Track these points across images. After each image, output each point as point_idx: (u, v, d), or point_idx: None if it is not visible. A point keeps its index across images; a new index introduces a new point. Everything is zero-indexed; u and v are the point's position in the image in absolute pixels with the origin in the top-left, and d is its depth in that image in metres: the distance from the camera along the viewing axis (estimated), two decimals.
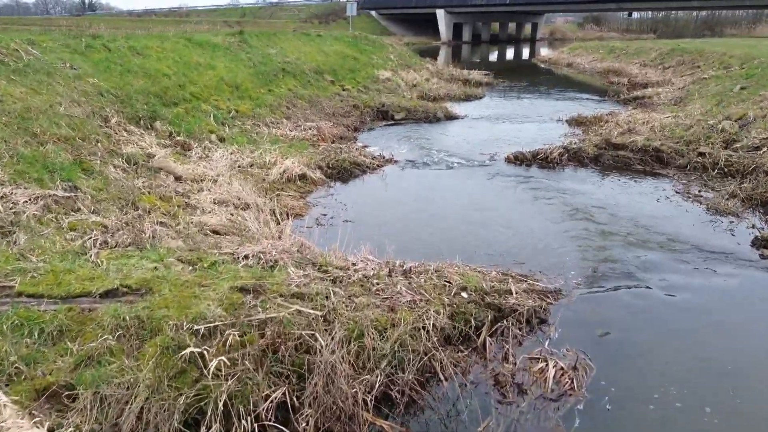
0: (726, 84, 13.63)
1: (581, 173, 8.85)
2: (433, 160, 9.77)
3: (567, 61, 31.93)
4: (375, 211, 7.16)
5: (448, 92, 18.36)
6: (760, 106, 9.80)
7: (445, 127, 13.23)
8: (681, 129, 9.78)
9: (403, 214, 7.03)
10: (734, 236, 6.03)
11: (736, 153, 8.62)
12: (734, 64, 16.88)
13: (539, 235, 6.23)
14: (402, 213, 7.06)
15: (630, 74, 23.63)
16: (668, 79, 19.85)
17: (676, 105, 13.70)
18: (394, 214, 7.01)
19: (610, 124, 11.96)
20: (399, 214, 7.01)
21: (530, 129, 12.85)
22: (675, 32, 76.80)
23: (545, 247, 5.88)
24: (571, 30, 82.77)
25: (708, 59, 20.30)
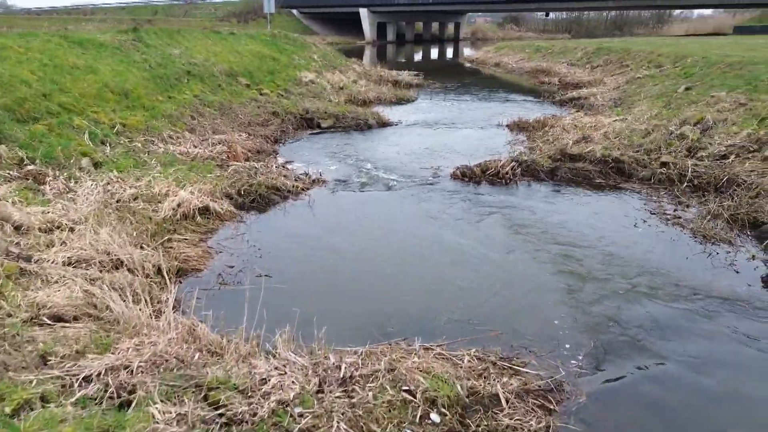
0: (666, 84, 13.11)
1: (538, 190, 7.68)
2: (368, 179, 8.29)
3: (494, 60, 31.52)
4: (299, 256, 5.57)
5: (379, 95, 16.98)
6: (717, 109, 9.08)
7: (379, 135, 11.79)
8: (638, 135, 8.88)
9: (335, 260, 5.48)
10: (739, 273, 4.97)
11: (703, 162, 7.77)
12: (666, 63, 16.63)
13: (510, 283, 4.90)
14: (334, 259, 5.51)
15: (559, 74, 23.28)
16: (599, 78, 19.49)
17: (617, 106, 13.02)
18: (325, 261, 5.45)
19: (555, 129, 10.99)
20: (331, 261, 5.46)
21: (471, 136, 11.67)
22: (587, 32, 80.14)
23: (523, 301, 4.56)
24: (491, 30, 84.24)
25: (635, 58, 20.17)
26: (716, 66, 12.49)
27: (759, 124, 8.14)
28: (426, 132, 12.08)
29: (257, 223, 6.41)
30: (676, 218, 6.36)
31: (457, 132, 12.09)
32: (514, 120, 12.57)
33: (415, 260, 5.38)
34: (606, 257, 5.37)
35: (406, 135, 11.72)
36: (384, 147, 10.56)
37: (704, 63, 13.57)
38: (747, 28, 35.56)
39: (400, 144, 10.82)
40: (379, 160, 9.45)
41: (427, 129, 12.42)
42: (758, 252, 5.38)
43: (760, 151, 7.56)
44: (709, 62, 13.32)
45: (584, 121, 11.24)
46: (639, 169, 7.98)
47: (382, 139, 11.32)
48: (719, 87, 10.33)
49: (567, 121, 11.57)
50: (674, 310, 4.37)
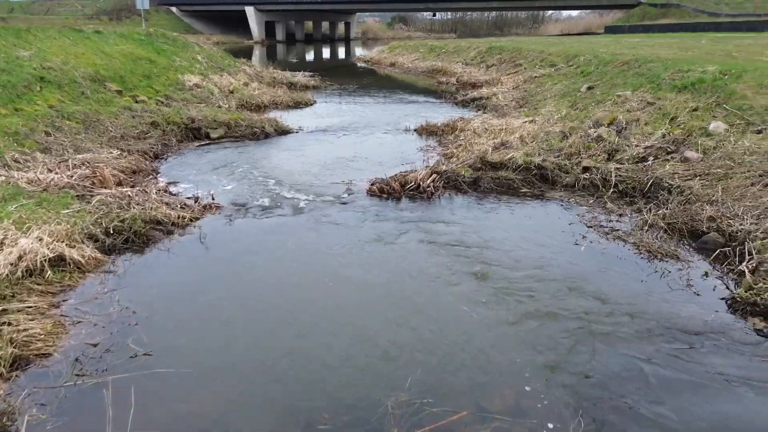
0: (566, 83, 13.15)
1: (464, 205, 6.96)
2: (271, 200, 7.11)
3: (390, 60, 31.14)
4: (189, 319, 4.32)
5: (274, 99, 15.66)
6: (627, 109, 8.97)
7: (279, 145, 10.57)
8: (556, 139, 8.50)
9: (238, 322, 4.30)
10: (700, 296, 4.51)
11: (624, 165, 7.49)
12: (559, 62, 16.93)
13: (459, 335, 4.05)
14: (237, 321, 4.32)
15: (455, 73, 23.26)
16: (496, 78, 19.58)
17: (522, 107, 12.83)
18: (223, 325, 4.26)
19: (466, 133, 10.47)
20: (232, 325, 4.28)
21: (379, 142, 10.83)
22: (471, 32, 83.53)
23: (479, 360, 3.71)
24: (381, 30, 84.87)
25: (527, 57, 20.54)
26: (611, 64, 12.69)
27: (671, 124, 8.05)
28: (331, 139, 11.06)
29: (132, 271, 5.03)
30: (613, 231, 5.89)
31: (365, 138, 11.20)
32: (422, 124, 11.93)
33: (342, 316, 4.34)
34: (556, 287, 4.70)
35: (310, 144, 10.62)
36: (286, 159, 9.38)
37: (598, 62, 13.81)
38: (617, 27, 38.24)
39: (304, 155, 9.70)
40: (283, 175, 8.28)
41: (332, 136, 11.40)
42: (708, 267, 4.99)
43: (677, 152, 7.41)
44: (603, 61, 13.57)
45: (494, 124, 10.83)
46: (562, 176, 7.55)
47: (284, 150, 10.12)
48: (622, 86, 10.35)
49: (476, 124, 11.11)
50: (653, 354, 3.75)
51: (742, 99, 7.79)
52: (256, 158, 9.41)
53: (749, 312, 4.11)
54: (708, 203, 5.88)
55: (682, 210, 5.89)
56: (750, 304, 4.13)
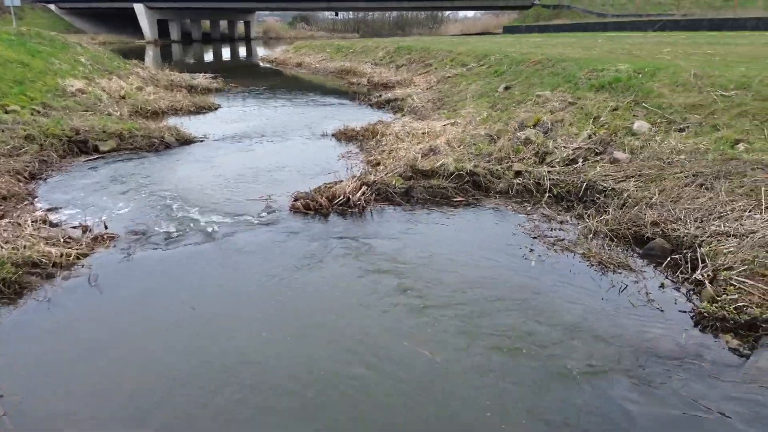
0: (481, 83, 13.04)
1: (397, 219, 6.40)
2: (178, 225, 6.13)
3: (296, 60, 30.11)
4: (78, 399, 3.38)
5: (173, 104, 14.29)
6: (549, 109, 8.86)
7: (182, 157, 9.44)
8: (484, 143, 8.19)
9: (142, 399, 3.43)
10: (664, 313, 4.23)
11: (555, 168, 7.30)
12: (469, 62, 16.94)
13: (426, 390, 3.46)
14: (140, 397, 3.44)
15: (365, 74, 22.80)
16: (408, 78, 19.32)
17: (440, 108, 12.55)
18: (124, 408, 3.37)
19: (389, 138, 9.96)
20: (134, 405, 3.39)
21: (296, 149, 10.03)
22: (374, 31, 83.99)
23: (430, 413, 3.15)
24: (283, 29, 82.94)
25: (437, 57, 20.49)
26: (523, 64, 12.74)
27: (595, 124, 8.00)
28: (242, 148, 10.09)
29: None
30: (559, 241, 5.59)
31: (280, 146, 10.34)
32: (341, 128, 11.27)
33: (281, 385, 3.60)
34: (518, 312, 4.25)
35: (219, 154, 9.59)
36: (193, 173, 8.33)
37: (509, 61, 13.87)
38: (515, 27, 39.78)
39: (213, 167, 8.69)
40: (189, 192, 7.28)
41: (242, 144, 10.43)
42: (662, 277, 4.78)
43: (605, 152, 7.33)
44: (515, 60, 13.63)
45: (415, 127, 10.41)
46: (495, 182, 7.22)
47: (189, 163, 9.03)
48: (540, 86, 10.31)
49: (397, 128, 10.63)
50: (628, 386, 3.37)
51: (660, 97, 7.89)
52: (157, 173, 8.28)
53: (719, 328, 3.87)
54: (647, 206, 5.74)
55: (623, 215, 5.70)
56: (718, 320, 3.90)
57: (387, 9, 69.63)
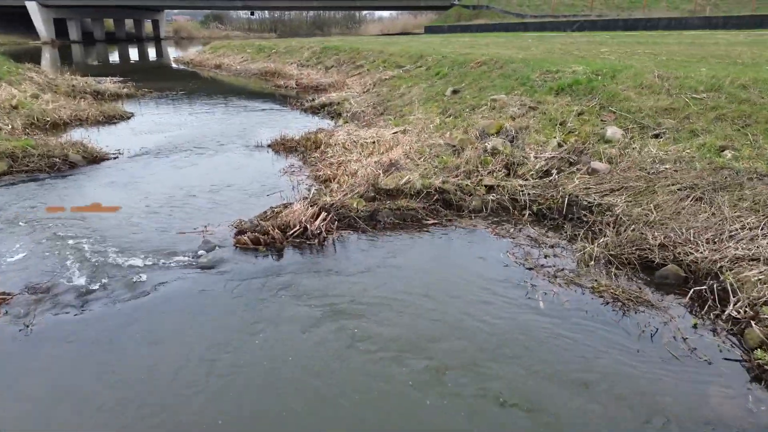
0: (424, 86, 12.31)
1: (364, 250, 5.46)
2: (91, 274, 4.83)
3: (214, 62, 28.20)
4: None
5: (77, 113, 12.48)
6: (509, 115, 8.23)
7: (92, 179, 7.94)
8: (447, 154, 7.40)
9: None
10: (712, 365, 3.58)
11: (529, 182, 6.65)
12: (405, 63, 16.22)
13: None
14: None
15: (291, 75, 21.58)
16: (340, 80, 18.32)
17: (383, 114, 11.68)
18: None
19: (335, 149, 8.97)
20: None
21: (230, 165, 8.79)
22: (291, 31, 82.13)
23: None
24: (196, 29, 79.02)
25: (368, 58, 19.66)
26: (466, 65, 12.15)
27: (562, 131, 7.45)
28: (164, 165, 8.70)
29: None
30: (558, 271, 4.87)
31: (208, 161, 9.04)
32: (277, 138, 10.13)
33: None
34: (531, 374, 3.46)
35: (137, 174, 8.17)
36: (107, 199, 6.92)
37: (450, 62, 13.26)
38: (437, 27, 39.77)
39: (131, 190, 7.30)
40: (105, 226, 5.94)
41: (165, 160, 9.02)
42: (690, 316, 4.16)
43: (581, 162, 6.77)
44: (456, 62, 13.04)
45: (362, 136, 9.48)
46: (467, 199, 6.44)
47: (102, 186, 7.56)
48: (492, 89, 9.71)
49: (342, 137, 9.66)
50: None
51: (627, 101, 7.46)
52: (55, 201, 6.81)
53: None
54: (646, 225, 5.17)
55: (624, 237, 5.09)
56: None
57: (305, 8, 68.12)
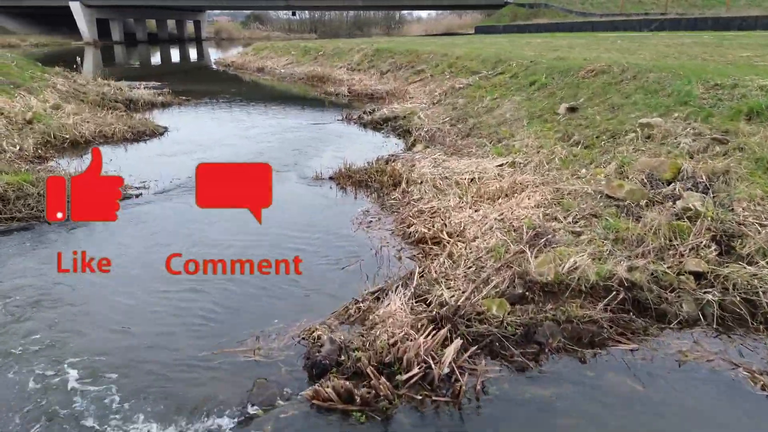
0: (519, 99, 9.87)
1: (534, 407, 3.15)
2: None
3: (256, 65, 26.36)
4: None
5: (101, 128, 10.58)
6: (682, 150, 5.72)
7: (98, 233, 5.84)
8: (614, 216, 4.97)
9: None
10: None
11: (764, 271, 4.16)
12: (480, 68, 13.78)
13: None
14: None
15: (342, 81, 19.42)
16: (400, 88, 16.05)
17: (470, 135, 9.30)
18: None
19: (420, 188, 6.69)
20: None
21: (281, 209, 6.57)
22: (332, 31, 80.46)
23: None
24: (237, 29, 78.19)
25: (429, 62, 17.31)
26: (573, 73, 9.64)
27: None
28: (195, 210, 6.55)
29: None
30: None
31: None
32: (341, 168, 7.90)
33: None
34: None
35: (158, 224, 6.05)
36: (116, 269, 4.77)
37: (545, 69, 10.77)
38: (490, 27, 37.07)
39: (148, 253, 5.14)
40: (106, 332, 3.79)
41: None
42: None
43: None
44: (554, 68, 10.54)
45: (454, 169, 7.16)
46: (669, 298, 4.01)
47: (110, 246, 5.43)
48: (631, 107, 7.20)
49: (426, 168, 7.38)
50: None
51: None
52: (50, 282, 4.70)
53: None
54: None
55: None
56: None
57: (349, 8, 66.32)
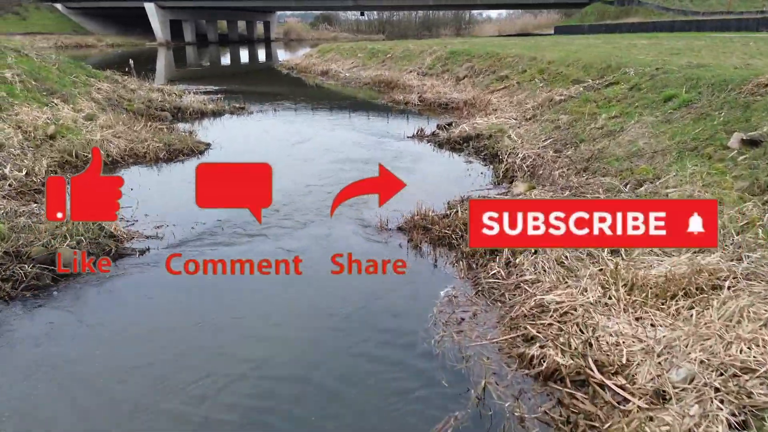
0: (651, 120, 7.48)
1: None
2: None
3: (320, 68, 24.84)
4: None
5: (132, 145, 9.07)
6: None
7: (89, 314, 4.11)
8: None
9: None
10: None
11: None
12: (582, 76, 11.38)
13: None
14: None
15: (411, 87, 17.42)
16: (480, 97, 13.85)
17: (588, 170, 7.02)
18: None
19: (543, 267, 4.55)
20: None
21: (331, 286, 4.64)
22: (400, 32, 78.76)
23: None
24: (305, 30, 78.11)
25: (515, 67, 14.98)
26: (736, 87, 7.11)
27: None
28: (215, 280, 4.69)
29: None
30: None
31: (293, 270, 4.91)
32: (413, 215, 5.87)
33: None
34: None
35: (160, 305, 4.25)
36: (84, 391, 2.98)
37: (682, 80, 8.25)
38: (573, 27, 34.01)
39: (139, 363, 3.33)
40: None
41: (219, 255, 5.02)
42: None
43: None
44: (698, 79, 8.02)
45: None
46: None
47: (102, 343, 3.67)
48: None
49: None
50: None
51: None
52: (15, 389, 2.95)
53: None
54: None
55: None
56: None
57: (419, 8, 64.28)
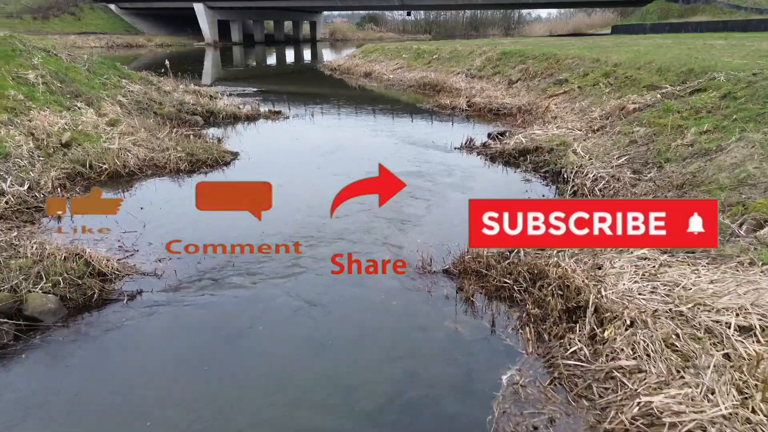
0: (758, 138, 6.09)
1: None
2: None
3: (364, 69, 23.86)
4: None
5: (152, 156, 8.27)
6: None
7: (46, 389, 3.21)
8: None
9: None
10: None
11: None
12: (660, 81, 9.92)
13: None
14: None
15: (459, 90, 16.19)
16: (537, 103, 12.51)
17: (681, 188, 5.71)
18: None
19: (644, 344, 3.36)
20: None
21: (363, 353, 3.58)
22: (447, 32, 77.27)
23: None
24: (351, 30, 77.72)
25: (574, 69, 13.57)
26: None
27: None
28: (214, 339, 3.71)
29: None
30: None
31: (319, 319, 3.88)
32: (463, 255, 4.73)
33: None
34: None
35: (149, 373, 3.29)
36: None
37: None
38: (634, 26, 31.85)
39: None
40: None
41: (221, 303, 4.05)
42: None
43: None
44: None
45: (694, 295, 3.71)
46: None
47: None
48: None
49: (630, 284, 3.98)
50: None
51: None
52: None
53: None
54: None
55: None
56: None
57: (467, 7, 62.67)
